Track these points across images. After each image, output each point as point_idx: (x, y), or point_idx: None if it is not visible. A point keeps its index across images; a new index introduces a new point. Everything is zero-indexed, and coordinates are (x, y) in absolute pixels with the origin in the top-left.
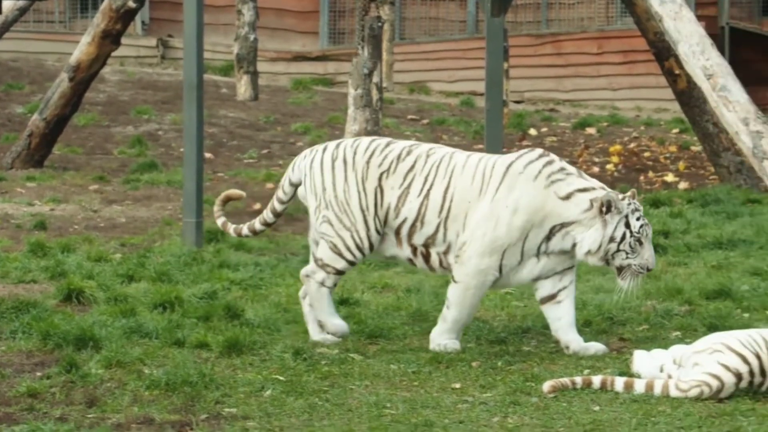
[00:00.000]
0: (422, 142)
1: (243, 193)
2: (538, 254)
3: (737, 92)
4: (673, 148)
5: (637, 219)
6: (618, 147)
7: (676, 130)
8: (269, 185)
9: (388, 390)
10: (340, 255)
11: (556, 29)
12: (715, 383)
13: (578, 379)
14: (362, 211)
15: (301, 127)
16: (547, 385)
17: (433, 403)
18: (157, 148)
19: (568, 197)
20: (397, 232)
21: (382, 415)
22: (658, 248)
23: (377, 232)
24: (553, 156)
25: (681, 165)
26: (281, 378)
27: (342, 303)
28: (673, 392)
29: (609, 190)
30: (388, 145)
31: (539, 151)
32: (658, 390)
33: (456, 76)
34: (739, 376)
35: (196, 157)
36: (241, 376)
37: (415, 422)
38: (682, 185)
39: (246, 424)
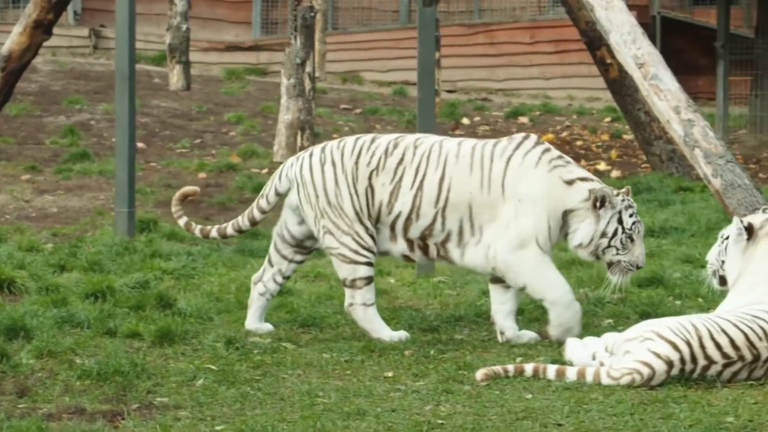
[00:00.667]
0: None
1: (197, 189)
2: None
3: (668, 81)
4: (605, 137)
5: (630, 216)
6: (550, 136)
7: (608, 119)
8: (202, 175)
9: (321, 379)
10: (354, 262)
11: (489, 19)
12: (646, 371)
13: (510, 367)
14: (357, 213)
15: (233, 116)
16: (479, 373)
17: (365, 392)
18: (90, 138)
19: (571, 183)
20: (392, 228)
21: (315, 404)
22: None
23: (373, 230)
24: (547, 144)
25: (613, 153)
26: (213, 367)
27: (279, 293)
28: (605, 380)
29: (603, 184)
30: (373, 141)
31: (534, 137)
32: (590, 378)
33: (389, 66)
34: (670, 364)
35: (128, 146)
36: (173, 365)
37: (348, 411)
38: (615, 174)
39: (178, 414)
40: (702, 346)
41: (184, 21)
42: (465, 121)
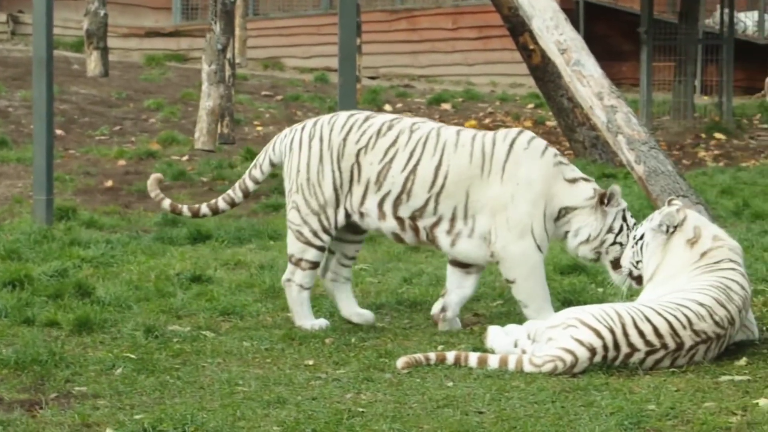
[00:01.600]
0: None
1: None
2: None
3: (591, 67)
4: (528, 123)
5: (630, 216)
6: (473, 122)
7: (531, 105)
8: (121, 162)
9: (241, 367)
10: (309, 243)
11: (411, 5)
12: (569, 358)
13: (432, 355)
14: (335, 190)
15: (153, 103)
16: (400, 361)
17: (286, 380)
18: (7, 125)
19: (573, 182)
20: (380, 206)
21: (235, 393)
22: None
23: (346, 211)
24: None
25: None
26: (132, 356)
27: (194, 280)
28: (527, 367)
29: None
30: (366, 119)
31: (530, 132)
32: (511, 365)
33: (310, 52)
34: (592, 351)
35: (46, 134)
36: (92, 354)
37: (268, 399)
38: None
39: (96, 403)
40: (625, 334)
41: (102, 6)
42: (387, 107)
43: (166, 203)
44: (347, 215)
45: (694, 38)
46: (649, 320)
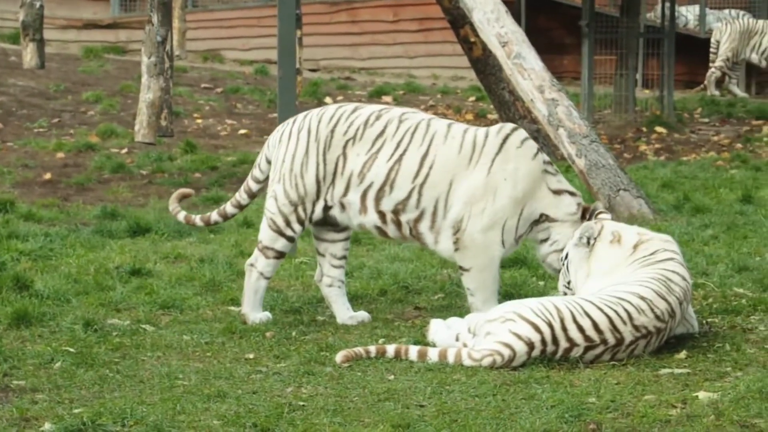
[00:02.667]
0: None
1: (192, 191)
2: (521, 236)
3: (532, 60)
4: (469, 116)
5: None
6: None
7: (472, 98)
8: (60, 155)
9: (181, 361)
10: (280, 233)
11: None
12: (507, 352)
13: (372, 348)
14: (318, 182)
15: (92, 95)
16: (339, 356)
17: (226, 374)
18: None
19: (558, 193)
20: (363, 198)
21: (175, 386)
22: None
23: (326, 203)
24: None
25: None
26: (71, 350)
27: (134, 273)
28: (466, 361)
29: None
30: (354, 110)
31: (524, 132)
32: (451, 359)
33: (250, 44)
34: (530, 346)
35: None
36: (30, 348)
37: (208, 393)
38: None
39: (35, 397)
40: (564, 328)
41: None
42: (328, 100)
43: (181, 216)
44: (327, 207)
45: (636, 32)
46: (588, 315)
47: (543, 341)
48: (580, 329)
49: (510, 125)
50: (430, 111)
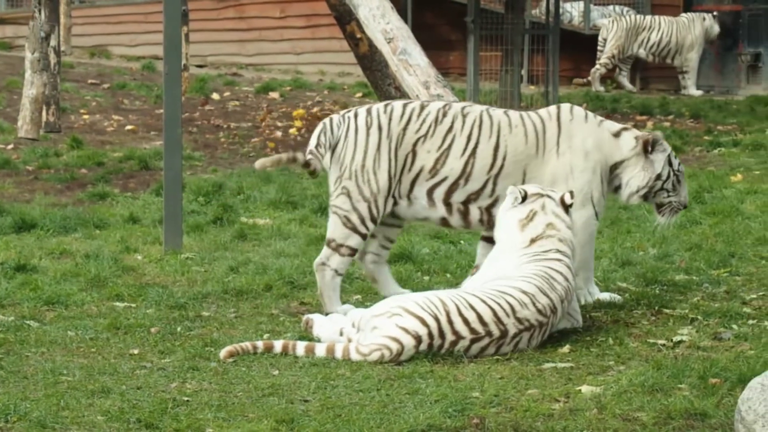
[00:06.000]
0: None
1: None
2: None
3: (417, 56)
4: None
5: (675, 158)
6: (301, 111)
7: (359, 94)
8: None
9: (65, 357)
10: (354, 230)
11: None
12: (395, 346)
13: (260, 344)
14: (390, 179)
15: None
16: (223, 352)
17: (110, 370)
18: None
19: (618, 135)
20: (429, 194)
21: (59, 382)
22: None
23: (394, 199)
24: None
25: None
26: None
27: (18, 269)
28: (354, 356)
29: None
30: (423, 108)
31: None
32: (339, 354)
33: (137, 40)
34: (418, 339)
35: None
36: None
37: (92, 389)
38: None
39: None
40: (450, 321)
41: None
42: (215, 96)
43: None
44: (394, 203)
45: (521, 28)
46: (473, 308)
47: (430, 334)
48: (466, 322)
49: (554, 105)
50: (317, 107)
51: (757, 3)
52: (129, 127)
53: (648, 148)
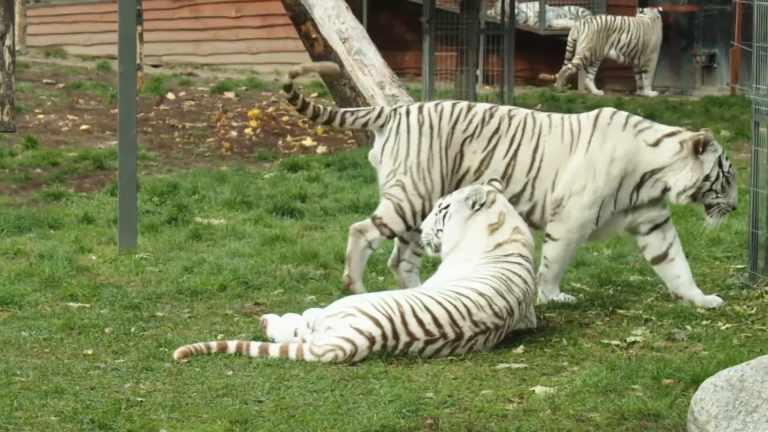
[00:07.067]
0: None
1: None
2: (629, 204)
3: (372, 56)
4: None
5: (726, 159)
6: (256, 111)
7: (315, 94)
8: None
9: (19, 357)
10: (403, 218)
11: None
12: (348, 347)
13: (213, 344)
14: (443, 178)
15: None
16: (177, 352)
17: (64, 370)
18: None
19: (657, 143)
20: None
21: (12, 383)
22: (295, 213)
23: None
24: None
25: (319, 129)
26: None
27: None
28: (308, 356)
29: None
30: (470, 108)
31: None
32: (293, 354)
33: (92, 40)
34: (372, 340)
35: None
36: None
37: (46, 389)
38: (320, 149)
39: None
40: (404, 323)
41: None
42: (170, 96)
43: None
44: None
45: (476, 28)
46: (428, 309)
47: (384, 335)
48: (420, 323)
49: (603, 109)
50: (273, 107)
51: (712, 4)
52: (84, 126)
53: (699, 148)
